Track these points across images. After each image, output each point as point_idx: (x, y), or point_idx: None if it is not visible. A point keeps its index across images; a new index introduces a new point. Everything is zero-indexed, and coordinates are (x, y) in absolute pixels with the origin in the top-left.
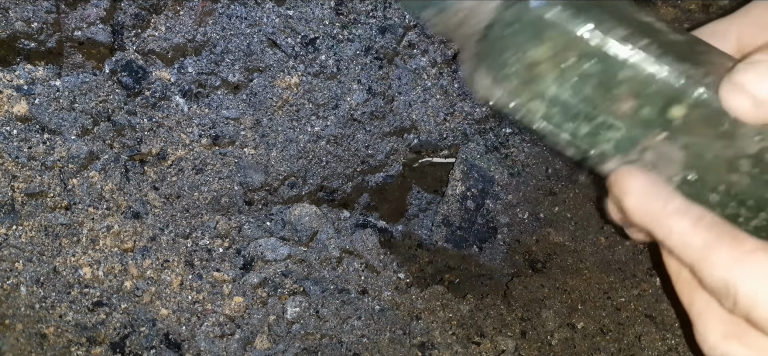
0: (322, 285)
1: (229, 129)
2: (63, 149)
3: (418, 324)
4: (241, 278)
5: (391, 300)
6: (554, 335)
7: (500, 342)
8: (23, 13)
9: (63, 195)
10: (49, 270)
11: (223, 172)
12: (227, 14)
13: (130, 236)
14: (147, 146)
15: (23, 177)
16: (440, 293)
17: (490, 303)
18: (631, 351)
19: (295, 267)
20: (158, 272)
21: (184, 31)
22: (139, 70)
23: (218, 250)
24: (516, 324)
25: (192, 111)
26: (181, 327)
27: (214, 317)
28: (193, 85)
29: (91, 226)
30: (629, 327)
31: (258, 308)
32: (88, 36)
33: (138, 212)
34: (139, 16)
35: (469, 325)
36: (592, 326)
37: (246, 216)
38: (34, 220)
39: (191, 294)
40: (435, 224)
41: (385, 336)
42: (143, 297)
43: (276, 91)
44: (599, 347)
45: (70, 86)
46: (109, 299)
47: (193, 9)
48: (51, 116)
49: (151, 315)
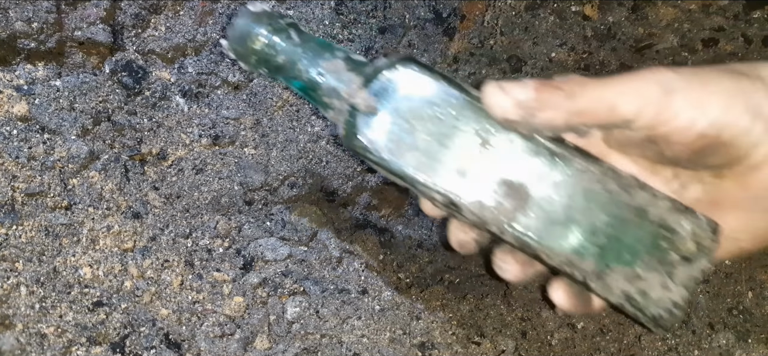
0: (322, 285)
1: (229, 129)
2: (63, 149)
3: (418, 323)
4: (241, 278)
5: (391, 300)
6: (554, 335)
7: (500, 342)
8: (23, 13)
9: (63, 195)
10: (50, 269)
11: (223, 172)
12: (227, 14)
13: (130, 236)
14: (147, 146)
15: (23, 177)
16: (440, 293)
17: (490, 303)
18: (631, 351)
19: (295, 266)
20: (158, 272)
21: (184, 31)
22: (140, 70)
23: (218, 250)
24: (516, 324)
25: (192, 111)
26: (181, 327)
27: (214, 317)
28: (193, 85)
29: (91, 226)
30: (629, 327)
31: (258, 308)
32: (88, 36)
33: (138, 212)
34: (139, 16)
35: (469, 325)
36: (592, 326)
37: (246, 216)
38: (35, 220)
39: (191, 294)
40: (435, 224)
41: (385, 336)
42: (143, 297)
43: (276, 91)
44: (599, 347)
45: (70, 86)
46: (109, 299)
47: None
48: (51, 116)
49: (151, 315)
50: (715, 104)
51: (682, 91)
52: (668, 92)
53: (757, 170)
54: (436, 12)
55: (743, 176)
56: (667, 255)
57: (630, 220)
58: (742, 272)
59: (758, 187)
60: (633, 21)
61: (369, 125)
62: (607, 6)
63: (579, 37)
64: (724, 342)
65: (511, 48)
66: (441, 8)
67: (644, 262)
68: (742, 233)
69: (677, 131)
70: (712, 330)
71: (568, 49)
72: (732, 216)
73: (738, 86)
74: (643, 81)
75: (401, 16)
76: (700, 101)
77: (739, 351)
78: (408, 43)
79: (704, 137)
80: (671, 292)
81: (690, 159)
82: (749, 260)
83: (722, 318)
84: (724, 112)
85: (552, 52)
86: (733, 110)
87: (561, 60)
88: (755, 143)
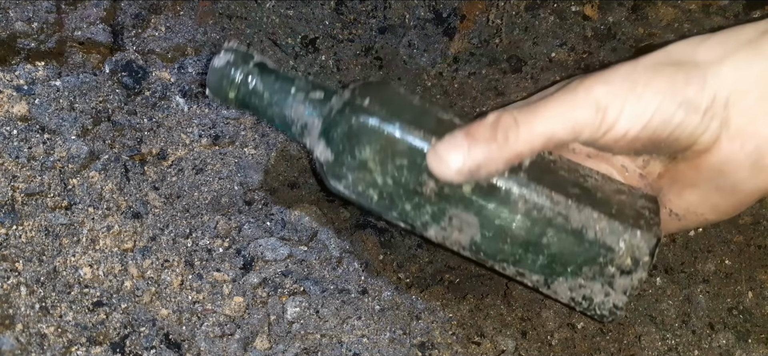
0: (322, 285)
1: (230, 129)
2: (63, 149)
3: (418, 324)
4: (241, 278)
5: (391, 300)
6: (554, 335)
7: (500, 342)
8: (23, 13)
9: (63, 195)
10: (49, 269)
11: (223, 172)
12: (227, 14)
13: (130, 236)
14: (147, 146)
15: (23, 177)
16: (440, 293)
17: (490, 303)
18: (631, 351)
19: (295, 266)
20: (158, 272)
21: (184, 31)
22: (140, 70)
23: (218, 250)
24: (516, 324)
25: (192, 111)
26: (181, 327)
27: (214, 317)
28: (193, 85)
29: (91, 226)
30: (629, 327)
31: (258, 308)
32: (88, 36)
33: (138, 212)
34: (140, 16)
35: (469, 325)
36: (592, 326)
37: (246, 216)
38: (34, 220)
39: (191, 294)
40: None
41: (385, 336)
42: (143, 297)
43: None
44: (599, 347)
45: (70, 86)
46: (109, 299)
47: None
48: (51, 115)
49: (151, 315)
50: (648, 109)
51: (613, 104)
52: (601, 108)
53: (706, 153)
54: (436, 12)
55: (693, 160)
56: (606, 269)
57: (570, 241)
58: (742, 272)
59: (708, 169)
60: (633, 21)
61: (333, 174)
62: (607, 6)
63: (579, 37)
64: (724, 342)
65: (511, 48)
66: (441, 8)
67: (585, 274)
68: (702, 207)
69: (616, 139)
70: (712, 330)
71: (568, 49)
72: (689, 193)
73: (670, 84)
74: (575, 103)
75: (401, 16)
76: (633, 109)
77: (739, 351)
78: (408, 43)
79: (641, 139)
80: (612, 297)
81: (638, 154)
82: (749, 260)
83: (722, 318)
84: (657, 113)
85: (552, 53)
86: (665, 109)
87: (561, 60)
88: (694, 133)
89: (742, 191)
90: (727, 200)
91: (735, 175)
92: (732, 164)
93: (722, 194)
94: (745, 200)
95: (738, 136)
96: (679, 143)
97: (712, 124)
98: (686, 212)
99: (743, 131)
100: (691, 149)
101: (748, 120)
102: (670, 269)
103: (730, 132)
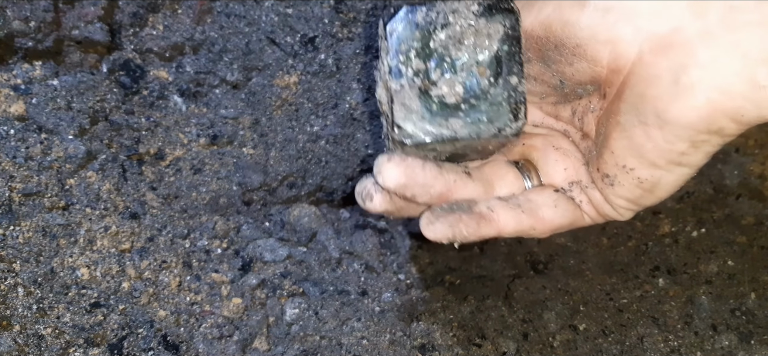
0: (321, 287)
1: (228, 129)
2: (60, 149)
3: (419, 325)
4: (240, 279)
5: (392, 302)
6: (556, 337)
7: (502, 344)
8: (21, 12)
9: (60, 195)
10: (47, 270)
11: (222, 172)
12: (226, 13)
13: (128, 236)
14: (145, 146)
15: (20, 177)
16: (441, 294)
17: (491, 305)
18: (634, 352)
19: (294, 268)
20: (156, 273)
21: (182, 30)
22: (137, 69)
23: (216, 251)
24: (517, 325)
25: (190, 110)
26: (179, 328)
27: (213, 318)
28: (191, 84)
29: (89, 226)
30: (632, 329)
31: (257, 309)
32: (85, 35)
33: (136, 213)
34: (137, 14)
35: (470, 327)
36: (595, 327)
37: (244, 217)
38: (32, 220)
39: (189, 295)
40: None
41: (386, 338)
42: (141, 298)
43: (275, 90)
44: (601, 349)
45: (67, 86)
46: (106, 300)
47: (191, 7)
48: (48, 115)
49: (149, 316)
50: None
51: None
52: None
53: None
54: None
55: (618, 89)
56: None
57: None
58: (745, 273)
59: (629, 93)
60: None
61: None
62: None
63: None
64: (727, 344)
65: None
66: None
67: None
68: (630, 156)
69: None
70: (715, 332)
71: None
72: (616, 137)
73: None
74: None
75: None
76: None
77: (741, 352)
78: None
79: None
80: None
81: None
82: (752, 261)
83: (725, 319)
84: (555, 11)
85: None
86: (564, 8)
87: None
88: (596, 35)
89: (667, 122)
90: (654, 141)
91: (655, 96)
92: (650, 80)
93: (646, 131)
94: (675, 142)
95: (658, 48)
96: (582, 51)
97: (624, 29)
98: (615, 167)
99: (662, 41)
100: (608, 68)
101: (670, 30)
102: (673, 270)
103: (650, 43)
